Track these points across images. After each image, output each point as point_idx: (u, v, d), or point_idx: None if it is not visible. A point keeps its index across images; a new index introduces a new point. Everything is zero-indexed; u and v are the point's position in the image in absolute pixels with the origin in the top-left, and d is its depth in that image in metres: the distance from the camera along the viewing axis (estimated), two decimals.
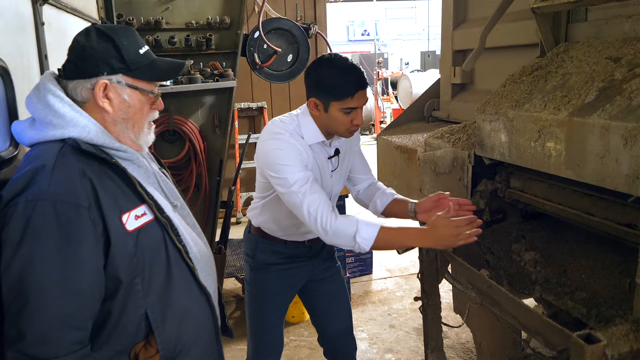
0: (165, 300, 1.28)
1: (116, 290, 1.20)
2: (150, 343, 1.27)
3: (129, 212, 1.22)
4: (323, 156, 1.92)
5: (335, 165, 1.96)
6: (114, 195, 1.20)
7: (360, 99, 1.77)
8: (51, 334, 1.10)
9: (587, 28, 1.68)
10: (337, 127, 1.83)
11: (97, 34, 1.25)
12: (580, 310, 1.45)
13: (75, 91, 1.24)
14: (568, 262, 1.66)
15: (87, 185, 1.16)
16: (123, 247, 1.20)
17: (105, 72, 1.24)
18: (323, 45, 5.35)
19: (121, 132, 1.29)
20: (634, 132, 1.12)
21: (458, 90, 2.57)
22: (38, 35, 1.60)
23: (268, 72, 3.62)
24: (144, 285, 1.24)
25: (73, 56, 1.24)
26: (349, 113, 1.78)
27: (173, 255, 1.31)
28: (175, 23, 3.33)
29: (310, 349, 3.28)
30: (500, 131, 1.59)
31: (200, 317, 1.40)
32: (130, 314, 1.23)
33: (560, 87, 1.47)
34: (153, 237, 1.27)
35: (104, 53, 1.24)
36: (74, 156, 1.18)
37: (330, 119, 1.81)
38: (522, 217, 1.88)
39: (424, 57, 16.60)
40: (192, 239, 1.40)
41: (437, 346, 1.93)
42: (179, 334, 1.31)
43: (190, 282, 1.36)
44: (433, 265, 1.85)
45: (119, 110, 1.27)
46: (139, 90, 1.29)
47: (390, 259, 4.63)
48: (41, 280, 1.10)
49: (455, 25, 2.54)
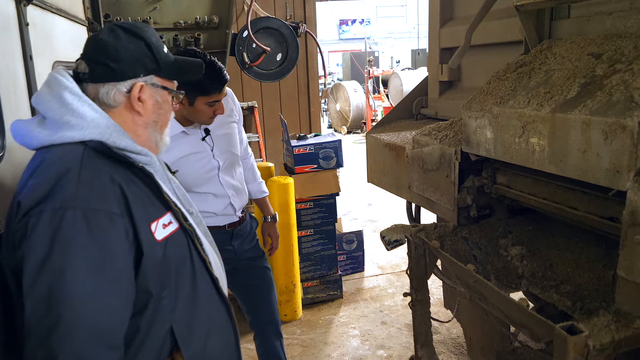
0: (191, 314, 1.20)
1: (146, 304, 1.12)
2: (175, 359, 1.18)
3: (157, 221, 1.14)
4: (196, 140, 2.09)
5: (212, 144, 2.14)
6: (142, 202, 1.12)
7: (223, 92, 2.00)
8: (86, 354, 0.99)
9: (569, 25, 1.71)
10: (201, 118, 2.03)
11: (125, 32, 1.16)
12: (566, 303, 1.47)
13: (108, 96, 1.14)
14: (554, 256, 1.68)
15: (117, 191, 1.06)
16: (153, 258, 1.11)
17: (142, 74, 1.16)
18: (313, 44, 5.36)
19: (150, 135, 1.22)
20: (613, 127, 1.14)
21: (445, 88, 2.58)
22: (22, 36, 1.59)
23: (257, 72, 3.62)
24: (171, 299, 1.16)
25: (103, 57, 1.13)
26: (213, 105, 1.98)
27: (198, 266, 1.24)
28: (163, 23, 3.33)
29: (302, 346, 3.29)
30: (485, 128, 1.61)
31: (224, 329, 1.33)
32: (156, 330, 1.14)
33: (544, 84, 1.49)
34: (180, 247, 1.19)
35: (138, 53, 1.16)
36: (99, 159, 1.08)
37: (195, 111, 1.99)
38: (508, 212, 1.90)
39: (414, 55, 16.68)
40: (209, 249, 1.32)
41: (426, 341, 1.95)
42: (206, 347, 1.24)
43: (213, 294, 1.29)
44: (421, 261, 1.87)
45: (152, 113, 1.20)
46: (168, 90, 1.23)
47: (382, 256, 4.65)
48: (74, 295, 0.99)
49: (442, 23, 2.55)
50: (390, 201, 5.55)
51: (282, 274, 3.50)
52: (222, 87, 1.98)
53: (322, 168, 3.68)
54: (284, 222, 3.43)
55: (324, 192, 3.71)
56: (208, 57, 1.91)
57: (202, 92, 1.93)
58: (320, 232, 3.78)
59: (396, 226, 2.01)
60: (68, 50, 2.16)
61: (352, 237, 4.35)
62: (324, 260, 3.82)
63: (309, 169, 3.67)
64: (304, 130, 5.50)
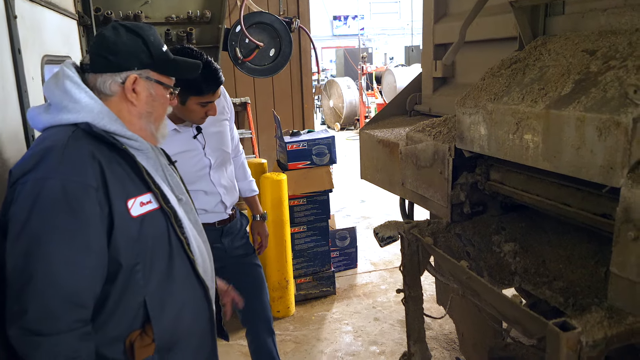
0: (164, 290, 1.30)
1: (116, 274, 1.22)
2: (147, 332, 1.27)
3: (134, 198, 1.24)
4: (187, 138, 2.08)
5: (203, 142, 2.12)
6: (121, 180, 1.23)
7: (217, 93, 1.98)
8: (54, 310, 1.12)
9: (564, 21, 1.70)
10: (192, 117, 2.01)
11: (126, 30, 1.29)
12: (558, 299, 1.48)
13: (105, 85, 1.27)
14: (546, 253, 1.68)
15: (96, 167, 1.18)
16: (126, 231, 1.21)
17: (136, 67, 1.28)
18: (306, 40, 5.34)
19: (144, 125, 1.34)
20: (608, 124, 1.14)
21: (439, 84, 2.57)
22: (10, 29, 1.56)
23: (250, 67, 3.60)
24: (145, 273, 1.26)
25: (103, 50, 1.27)
26: (205, 106, 1.96)
27: (175, 246, 1.33)
28: (155, 17, 3.29)
29: (295, 343, 3.28)
30: (479, 124, 1.60)
31: (198, 310, 1.41)
32: (129, 301, 1.24)
33: (538, 80, 1.48)
34: (157, 225, 1.29)
35: (134, 48, 1.28)
36: (85, 139, 1.20)
37: (187, 110, 1.97)
38: (502, 209, 1.90)
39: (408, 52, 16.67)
40: (193, 235, 1.41)
41: (419, 337, 1.95)
42: (176, 324, 1.33)
43: (190, 274, 1.37)
44: (415, 257, 1.87)
45: (146, 104, 1.32)
46: (163, 85, 1.35)
47: (375, 253, 4.66)
48: (47, 256, 1.12)
49: (436, 19, 2.54)
50: (383, 198, 5.56)
51: (275, 271, 3.49)
52: (216, 89, 1.97)
53: (316, 164, 3.67)
54: (277, 218, 3.42)
55: (317, 188, 3.70)
56: (205, 57, 1.91)
57: (196, 92, 1.92)
58: (314, 228, 3.77)
59: (389, 223, 2.01)
60: (58, 44, 2.13)
61: (345, 233, 4.34)
62: (317, 257, 3.81)
63: (302, 165, 3.66)
64: (297, 127, 5.48)
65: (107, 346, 1.23)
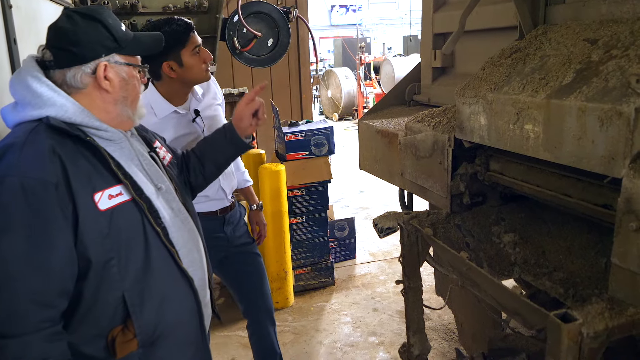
0: (143, 284, 1.26)
1: (86, 270, 1.19)
2: (128, 327, 1.25)
3: (102, 192, 1.20)
4: (187, 121, 2.09)
5: (202, 125, 2.14)
6: (87, 174, 1.19)
7: (197, 36, 2.03)
8: (16, 310, 1.10)
9: (565, 10, 1.68)
10: (196, 73, 2.03)
11: (82, 17, 1.23)
12: (558, 290, 1.47)
13: (75, 78, 1.23)
14: (546, 243, 1.68)
15: (56, 162, 1.14)
16: (94, 226, 1.18)
17: (103, 54, 1.24)
18: (304, 29, 5.30)
19: (121, 111, 1.30)
20: (609, 114, 1.13)
21: (439, 74, 2.56)
22: (6, 19, 1.54)
23: (248, 57, 3.57)
24: (121, 267, 1.22)
25: (64, 43, 1.21)
26: (198, 53, 2.00)
27: (152, 238, 1.29)
28: (152, 7, 3.26)
29: (294, 334, 3.29)
30: (479, 114, 1.59)
31: (181, 302, 1.38)
32: (105, 297, 1.22)
33: (539, 70, 1.47)
34: (130, 218, 1.25)
35: (96, 35, 1.23)
36: (45, 134, 1.17)
37: (188, 69, 2.00)
38: (501, 199, 1.89)
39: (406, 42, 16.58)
40: (174, 223, 1.37)
41: (418, 328, 1.95)
42: (158, 318, 1.30)
43: (171, 266, 1.34)
44: (414, 248, 1.86)
45: (120, 89, 1.28)
46: (132, 66, 1.30)
47: (374, 244, 4.66)
48: (6, 255, 1.09)
49: (435, 8, 2.52)
50: (382, 188, 5.55)
51: (274, 262, 3.49)
52: (190, 30, 2.00)
53: (314, 155, 3.66)
54: (275, 209, 3.41)
55: (315, 179, 3.69)
56: (163, 19, 1.97)
57: (181, 44, 1.97)
58: (312, 219, 3.77)
59: (389, 213, 2.00)
60: None
61: (344, 224, 4.34)
62: (315, 248, 3.82)
63: (301, 155, 3.65)
64: (296, 117, 5.46)
65: (88, 343, 1.22)
